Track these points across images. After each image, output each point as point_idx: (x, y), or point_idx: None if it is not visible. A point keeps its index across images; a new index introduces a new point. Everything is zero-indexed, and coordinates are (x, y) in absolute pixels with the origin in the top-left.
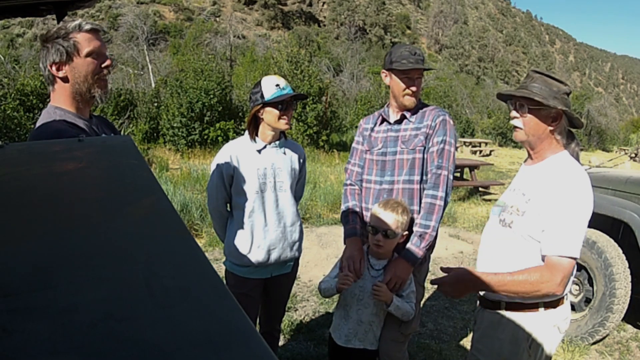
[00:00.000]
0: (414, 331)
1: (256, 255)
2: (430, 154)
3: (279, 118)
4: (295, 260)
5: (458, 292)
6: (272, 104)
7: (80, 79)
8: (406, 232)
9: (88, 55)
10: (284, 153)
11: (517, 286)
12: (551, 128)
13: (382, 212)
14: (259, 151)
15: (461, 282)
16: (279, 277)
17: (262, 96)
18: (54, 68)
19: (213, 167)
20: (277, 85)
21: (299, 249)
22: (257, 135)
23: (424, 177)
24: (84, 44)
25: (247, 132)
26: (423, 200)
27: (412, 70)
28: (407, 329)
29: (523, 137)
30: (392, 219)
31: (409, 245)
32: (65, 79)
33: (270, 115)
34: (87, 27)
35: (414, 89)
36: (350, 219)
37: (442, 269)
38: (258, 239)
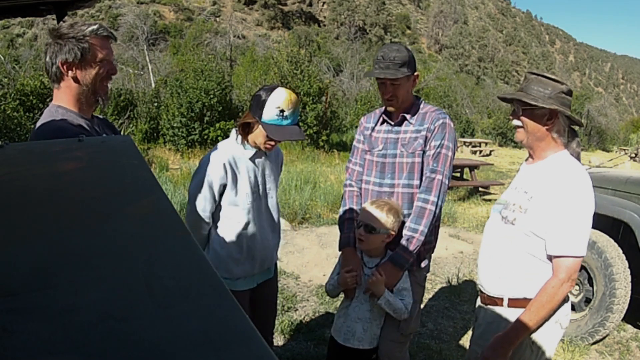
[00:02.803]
0: (414, 331)
1: (248, 266)
2: (426, 158)
3: (265, 142)
4: (275, 265)
5: (502, 354)
6: (265, 126)
7: (89, 82)
8: (393, 232)
9: (100, 61)
10: (269, 159)
11: (542, 310)
12: (547, 127)
13: (368, 208)
14: (252, 159)
15: (497, 345)
16: (262, 284)
17: (261, 112)
18: (64, 67)
19: (202, 171)
20: (282, 112)
21: (277, 253)
22: (247, 139)
23: None
24: (98, 49)
25: (236, 134)
26: (415, 204)
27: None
28: (406, 329)
29: (522, 137)
30: (377, 215)
31: (397, 249)
32: (74, 79)
33: (258, 134)
34: (104, 33)
35: (387, 95)
36: (345, 225)
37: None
38: (251, 250)
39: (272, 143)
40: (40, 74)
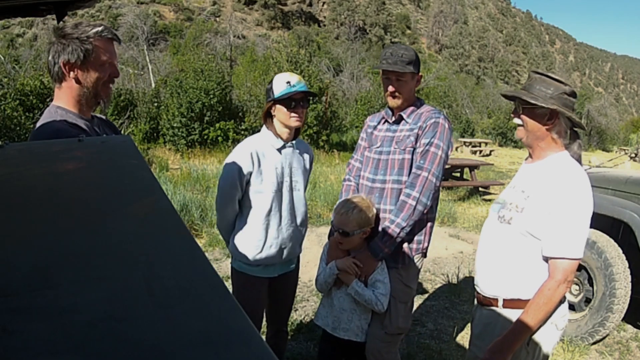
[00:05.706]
0: (402, 332)
1: (268, 254)
2: (415, 155)
3: (290, 116)
4: (298, 258)
5: (502, 358)
6: (282, 101)
7: (90, 84)
8: (370, 226)
9: (102, 63)
10: (299, 153)
11: (539, 313)
12: (547, 127)
13: (338, 212)
14: (279, 150)
15: (497, 349)
16: (283, 275)
17: (272, 93)
18: (66, 67)
19: (230, 161)
20: (288, 82)
21: (301, 246)
22: (274, 128)
23: None
24: (102, 51)
25: (264, 128)
26: (399, 198)
27: (390, 71)
28: (391, 328)
29: (522, 135)
30: (347, 218)
31: (374, 239)
32: (76, 80)
33: (280, 112)
34: (109, 35)
35: (391, 89)
36: None
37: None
38: (271, 238)
39: (296, 116)
40: (41, 74)
